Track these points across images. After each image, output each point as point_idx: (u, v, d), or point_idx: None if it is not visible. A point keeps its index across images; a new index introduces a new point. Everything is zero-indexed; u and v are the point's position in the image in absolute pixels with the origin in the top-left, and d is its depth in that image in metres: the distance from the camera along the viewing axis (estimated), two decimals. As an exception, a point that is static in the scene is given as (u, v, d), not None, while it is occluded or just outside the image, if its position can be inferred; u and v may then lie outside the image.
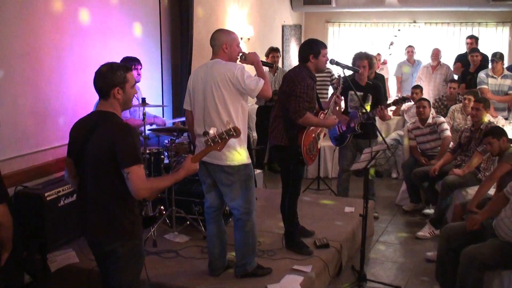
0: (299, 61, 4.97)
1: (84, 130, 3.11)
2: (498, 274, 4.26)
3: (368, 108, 6.10)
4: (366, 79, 6.33)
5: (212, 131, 3.14)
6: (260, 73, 4.29)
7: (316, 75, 4.96)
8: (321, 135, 5.14)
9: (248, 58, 4.39)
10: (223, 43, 4.22)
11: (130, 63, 5.86)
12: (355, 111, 5.39)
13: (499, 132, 5.25)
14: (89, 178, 3.11)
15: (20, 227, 4.56)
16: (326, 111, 5.14)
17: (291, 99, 4.72)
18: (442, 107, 8.42)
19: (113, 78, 3.06)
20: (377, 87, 6.41)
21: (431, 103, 8.32)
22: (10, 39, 4.76)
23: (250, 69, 4.32)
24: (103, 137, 3.00)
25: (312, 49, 4.84)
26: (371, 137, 6.20)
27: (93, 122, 3.09)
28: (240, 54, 4.38)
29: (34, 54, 5.01)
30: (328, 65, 5.15)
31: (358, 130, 5.35)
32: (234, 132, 3.11)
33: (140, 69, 5.94)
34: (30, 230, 4.63)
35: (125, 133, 2.99)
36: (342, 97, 5.26)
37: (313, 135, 4.94)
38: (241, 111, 4.20)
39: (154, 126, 5.99)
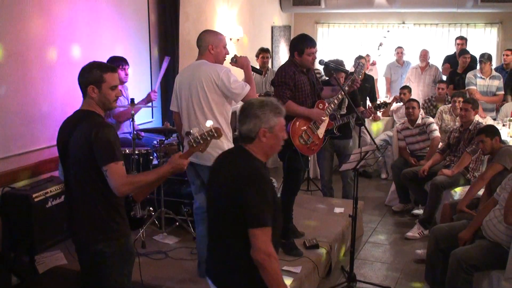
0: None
1: (66, 130, 3.12)
2: (487, 275, 4.27)
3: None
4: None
5: (194, 131, 3.12)
6: (248, 78, 4.30)
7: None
8: (321, 125, 5.01)
9: (239, 61, 4.38)
10: (209, 44, 4.21)
11: (117, 63, 5.83)
12: (333, 113, 5.42)
13: (493, 131, 5.26)
14: (72, 178, 3.11)
15: (8, 228, 4.53)
16: (329, 101, 5.12)
17: (274, 89, 4.85)
18: (431, 108, 8.45)
19: (89, 76, 3.08)
20: (353, 91, 6.45)
21: (420, 104, 8.37)
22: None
23: (239, 73, 4.32)
24: (81, 136, 2.99)
25: (297, 46, 4.87)
26: (347, 138, 6.36)
27: (74, 122, 3.09)
28: (232, 56, 4.38)
29: (21, 55, 4.97)
30: (317, 66, 5.16)
31: (336, 132, 5.37)
32: (215, 133, 3.09)
33: (127, 69, 5.91)
34: (18, 231, 4.59)
35: (101, 131, 2.96)
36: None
37: (305, 124, 4.90)
38: (225, 113, 4.20)
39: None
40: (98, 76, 3.06)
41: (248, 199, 2.65)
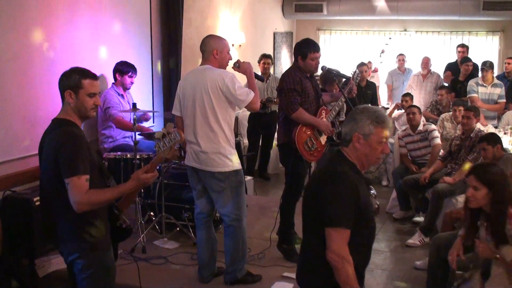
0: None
1: (42, 140, 3.06)
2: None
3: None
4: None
5: (158, 136, 3.07)
6: (251, 84, 4.31)
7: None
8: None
9: (241, 67, 4.39)
10: (214, 49, 4.22)
11: (127, 69, 5.83)
12: (332, 120, 5.46)
13: (495, 139, 5.26)
14: (43, 188, 3.05)
15: (8, 232, 4.52)
16: (330, 108, 5.14)
17: (282, 96, 4.82)
18: (438, 107, 8.48)
19: (67, 80, 2.99)
20: (351, 98, 6.47)
21: (427, 106, 8.45)
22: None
23: (241, 78, 4.32)
24: (49, 147, 2.93)
25: (300, 50, 4.88)
26: None
27: (47, 132, 3.03)
28: (235, 61, 4.39)
29: (24, 58, 4.97)
30: (319, 72, 5.18)
31: (336, 139, 5.38)
32: (176, 136, 3.04)
33: (134, 78, 5.92)
34: (18, 235, 4.58)
35: (67, 141, 2.88)
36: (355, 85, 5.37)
37: (310, 130, 4.91)
38: (228, 118, 4.20)
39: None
40: (77, 81, 2.96)
41: (326, 198, 2.66)
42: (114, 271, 3.21)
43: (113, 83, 5.91)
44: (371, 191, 5.47)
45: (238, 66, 4.40)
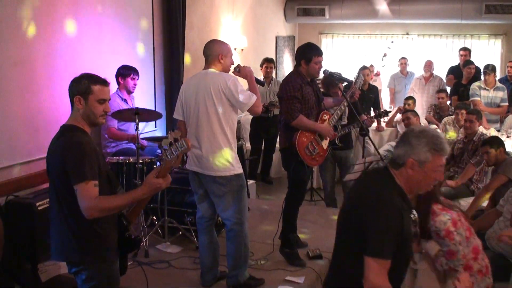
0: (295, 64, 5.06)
1: (50, 146, 3.00)
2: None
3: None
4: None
5: (165, 143, 3.01)
6: (252, 88, 4.31)
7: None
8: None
9: (242, 71, 4.39)
10: (219, 54, 4.22)
11: (128, 71, 5.83)
12: (334, 124, 5.46)
13: (498, 142, 5.26)
14: (51, 195, 2.99)
15: (11, 236, 4.53)
16: (332, 112, 5.15)
17: (282, 103, 4.84)
18: (437, 111, 8.49)
19: (77, 86, 2.96)
20: (354, 102, 6.48)
21: (428, 110, 8.46)
22: (2, 48, 4.74)
23: (242, 82, 4.32)
24: (56, 154, 2.88)
25: (304, 54, 4.89)
26: (348, 148, 6.34)
27: (55, 138, 2.98)
28: (235, 66, 4.39)
29: (27, 63, 4.98)
30: (322, 76, 5.19)
31: (338, 143, 5.38)
32: (183, 144, 2.94)
33: (137, 79, 5.92)
34: (21, 239, 4.59)
35: (72, 148, 2.83)
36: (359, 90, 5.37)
37: (311, 135, 4.91)
38: (231, 122, 4.20)
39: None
40: (86, 86, 2.93)
41: (370, 225, 2.51)
42: (118, 283, 3.15)
43: (118, 88, 5.91)
44: (412, 215, 5.37)
45: (239, 70, 4.40)
